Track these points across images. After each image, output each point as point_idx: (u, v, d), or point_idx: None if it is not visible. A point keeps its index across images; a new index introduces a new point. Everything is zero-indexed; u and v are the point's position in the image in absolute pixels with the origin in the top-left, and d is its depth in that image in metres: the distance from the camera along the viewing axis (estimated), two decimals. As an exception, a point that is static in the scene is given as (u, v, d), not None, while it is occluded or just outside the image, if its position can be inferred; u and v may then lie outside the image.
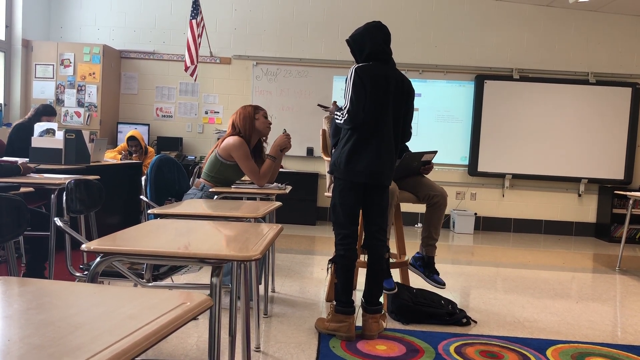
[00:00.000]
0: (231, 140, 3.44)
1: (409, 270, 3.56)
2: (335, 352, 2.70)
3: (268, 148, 3.70)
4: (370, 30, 2.92)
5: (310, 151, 7.48)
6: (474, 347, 2.85)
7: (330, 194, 3.58)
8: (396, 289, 3.25)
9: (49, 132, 4.59)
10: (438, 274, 3.38)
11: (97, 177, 3.37)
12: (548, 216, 7.55)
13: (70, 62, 7.05)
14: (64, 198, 2.39)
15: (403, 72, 3.04)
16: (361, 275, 3.15)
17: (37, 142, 4.40)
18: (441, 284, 3.34)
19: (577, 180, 7.41)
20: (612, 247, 6.71)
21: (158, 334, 0.79)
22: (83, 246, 1.45)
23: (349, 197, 2.90)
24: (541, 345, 2.93)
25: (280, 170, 7.23)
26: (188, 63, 6.58)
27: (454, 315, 3.26)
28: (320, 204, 7.42)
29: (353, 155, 2.85)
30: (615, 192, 6.65)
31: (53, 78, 7.06)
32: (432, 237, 3.39)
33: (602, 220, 7.39)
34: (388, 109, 2.86)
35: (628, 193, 5.33)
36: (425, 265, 3.40)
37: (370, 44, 2.89)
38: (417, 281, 4.04)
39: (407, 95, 2.93)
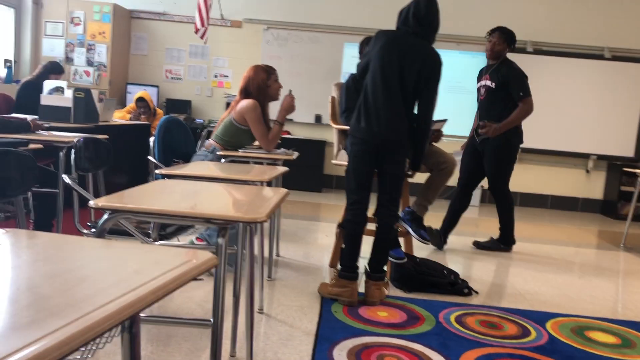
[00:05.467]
0: (245, 103, 3.42)
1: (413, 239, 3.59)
2: (337, 316, 2.74)
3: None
4: (417, 2, 2.91)
5: (318, 118, 7.45)
6: (475, 317, 2.88)
7: (337, 162, 3.58)
8: (405, 259, 3.28)
9: (58, 90, 4.58)
10: (425, 229, 3.43)
11: (106, 136, 3.37)
12: (555, 191, 7.53)
13: (80, 21, 7.00)
14: (73, 156, 2.40)
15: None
16: (367, 242, 3.17)
17: (46, 99, 4.40)
18: (426, 239, 3.41)
19: (585, 156, 7.35)
20: (618, 224, 6.70)
21: (163, 289, 0.80)
22: (91, 202, 1.46)
23: (361, 163, 2.91)
24: (541, 318, 2.96)
25: (288, 136, 7.25)
26: (198, 25, 6.51)
27: (455, 285, 3.28)
28: (327, 171, 7.42)
29: (364, 114, 2.88)
30: (624, 169, 6.60)
31: (63, 36, 7.02)
32: (428, 200, 3.45)
33: (609, 197, 7.36)
34: (394, 76, 2.84)
35: (637, 170, 5.29)
36: (413, 220, 3.45)
37: (405, 13, 2.93)
38: (421, 252, 4.07)
39: (419, 71, 2.85)
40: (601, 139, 7.29)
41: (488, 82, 4.20)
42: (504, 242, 4.45)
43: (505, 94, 4.15)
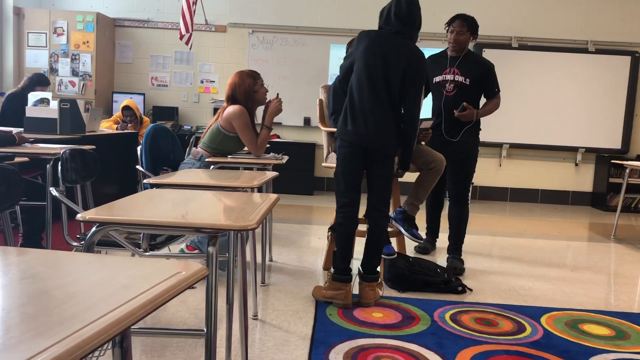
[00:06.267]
0: (232, 109, 3.41)
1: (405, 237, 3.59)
2: (332, 319, 2.73)
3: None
4: (397, 0, 2.90)
5: (307, 121, 7.44)
6: (470, 315, 2.89)
7: (327, 164, 3.58)
8: (395, 255, 3.29)
9: (44, 101, 4.54)
10: (417, 229, 3.44)
11: (93, 147, 3.35)
12: (545, 185, 7.57)
13: (63, 31, 6.94)
14: (59, 168, 2.38)
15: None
16: (360, 244, 3.17)
17: (31, 111, 4.36)
18: (419, 238, 3.41)
19: (574, 149, 7.40)
20: (608, 216, 6.75)
21: (152, 303, 0.79)
22: (78, 215, 1.44)
23: (350, 166, 2.90)
24: (536, 313, 2.97)
25: (277, 140, 7.23)
26: (183, 31, 6.48)
27: (449, 283, 3.29)
28: (318, 174, 7.41)
29: (351, 116, 2.89)
30: (612, 161, 6.65)
31: (46, 47, 6.96)
32: (418, 199, 3.46)
33: (598, 190, 7.41)
34: (379, 76, 2.84)
35: (625, 162, 5.33)
36: (405, 219, 3.46)
37: (386, 13, 2.92)
38: (414, 252, 4.07)
39: (404, 71, 2.85)
40: (589, 132, 7.34)
41: (459, 78, 3.76)
42: (458, 254, 3.90)
43: (477, 90, 3.78)
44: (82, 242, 2.39)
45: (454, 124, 3.79)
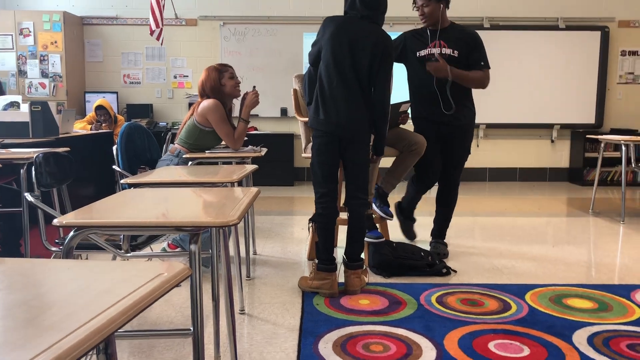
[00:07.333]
0: (206, 103, 3.37)
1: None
2: (320, 309, 2.73)
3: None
4: None
5: (284, 111, 7.40)
6: (455, 296, 2.91)
7: (306, 155, 3.56)
8: (384, 238, 3.30)
9: (14, 105, 4.44)
10: (389, 206, 3.46)
11: (67, 149, 3.29)
12: (522, 164, 7.65)
13: (30, 32, 6.79)
14: (33, 172, 2.33)
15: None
16: (342, 232, 3.17)
17: (1, 116, 4.26)
18: (389, 215, 3.43)
19: (549, 126, 7.48)
20: (585, 190, 6.85)
21: (135, 307, 0.77)
22: (55, 221, 1.41)
23: (325, 155, 2.89)
24: (520, 290, 3.00)
25: (255, 132, 7.19)
26: (153, 27, 6.38)
27: (433, 266, 3.31)
28: (297, 164, 7.39)
29: (322, 105, 2.86)
30: (587, 136, 6.75)
31: (13, 49, 6.80)
32: (396, 178, 3.48)
33: (575, 165, 7.51)
34: (347, 62, 2.82)
35: (599, 137, 5.40)
36: (379, 196, 3.48)
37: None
38: (398, 235, 4.08)
39: (372, 55, 2.82)
40: (563, 108, 7.42)
41: (447, 50, 3.46)
42: (442, 238, 3.81)
43: (465, 64, 3.49)
44: (62, 247, 2.35)
45: (451, 96, 3.50)
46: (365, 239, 3.28)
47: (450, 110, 3.51)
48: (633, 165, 5.07)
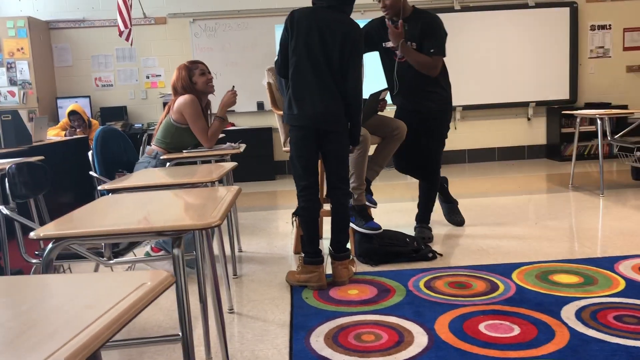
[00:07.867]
0: (182, 99, 3.32)
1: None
2: (309, 302, 2.72)
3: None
4: None
5: (260, 105, 7.34)
6: (443, 280, 2.92)
7: (287, 149, 3.54)
8: (382, 229, 3.28)
9: (-18, 116, 4.33)
10: (372, 194, 3.47)
11: (41, 157, 3.22)
12: (500, 143, 7.70)
13: (-5, 39, 6.63)
14: (7, 184, 2.27)
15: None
16: (327, 223, 3.15)
17: (-30, 128, 4.16)
18: (374, 203, 3.44)
19: (525, 104, 7.54)
20: (564, 165, 6.93)
21: (119, 321, 0.75)
22: (32, 234, 1.37)
23: (303, 148, 2.87)
24: (506, 270, 3.03)
25: (233, 128, 7.12)
26: (121, 27, 6.27)
27: (419, 251, 3.32)
28: (277, 158, 7.35)
29: (296, 99, 2.83)
30: (563, 112, 6.81)
31: (-22, 58, 6.64)
32: (379, 165, 3.48)
33: (552, 141, 7.59)
34: (318, 53, 2.80)
35: (575, 112, 5.46)
36: None
37: None
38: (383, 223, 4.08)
39: (342, 45, 2.80)
40: (537, 85, 7.47)
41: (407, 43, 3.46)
42: (427, 222, 3.84)
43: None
44: (42, 259, 2.30)
45: (412, 91, 3.58)
46: (364, 230, 3.28)
47: (416, 105, 3.60)
48: (609, 138, 5.13)
